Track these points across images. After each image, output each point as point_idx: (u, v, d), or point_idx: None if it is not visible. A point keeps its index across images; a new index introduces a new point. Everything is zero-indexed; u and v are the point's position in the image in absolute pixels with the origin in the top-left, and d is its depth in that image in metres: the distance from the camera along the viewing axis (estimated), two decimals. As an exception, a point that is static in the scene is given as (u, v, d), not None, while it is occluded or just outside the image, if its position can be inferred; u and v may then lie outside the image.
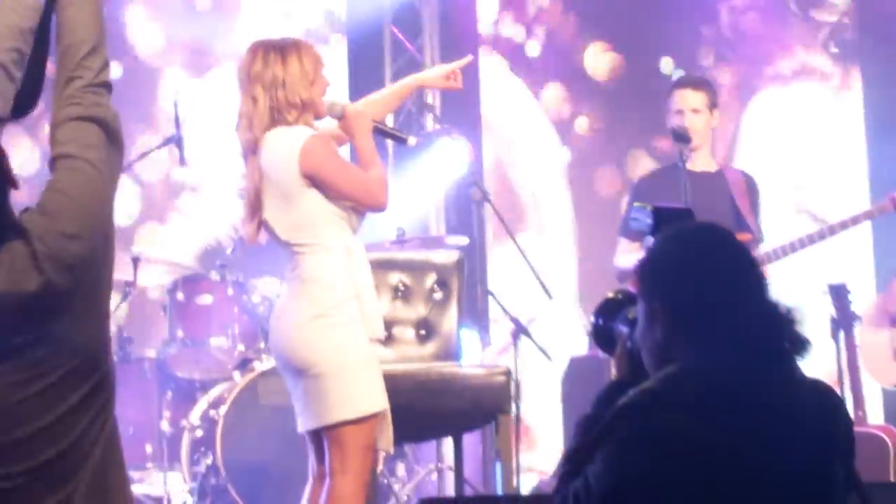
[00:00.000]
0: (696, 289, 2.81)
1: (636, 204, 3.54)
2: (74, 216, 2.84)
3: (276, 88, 4.79)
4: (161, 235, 8.59)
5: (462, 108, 8.54)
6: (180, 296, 7.17)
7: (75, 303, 2.81)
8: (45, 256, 2.78)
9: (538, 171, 9.14)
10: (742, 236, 6.28)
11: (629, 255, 6.28)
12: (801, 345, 2.79)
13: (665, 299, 2.82)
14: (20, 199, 2.83)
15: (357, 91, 7.96)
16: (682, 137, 6.17)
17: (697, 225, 3.15)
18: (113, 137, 2.96)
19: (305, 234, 4.80)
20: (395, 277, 5.92)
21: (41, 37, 3.15)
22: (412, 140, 5.16)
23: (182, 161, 7.19)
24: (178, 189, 8.64)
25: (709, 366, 2.73)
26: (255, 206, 4.84)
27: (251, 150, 4.83)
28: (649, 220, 3.36)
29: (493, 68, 9.02)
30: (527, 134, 9.12)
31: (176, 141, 7.11)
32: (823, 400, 2.82)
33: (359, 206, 4.82)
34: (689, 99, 6.49)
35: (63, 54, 3.02)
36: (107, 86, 3.02)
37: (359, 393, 4.72)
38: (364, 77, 8.42)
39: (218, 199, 8.48)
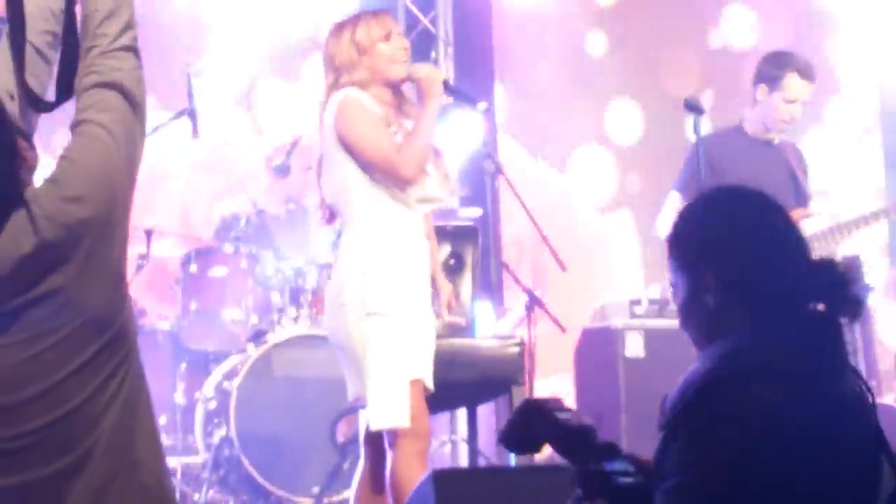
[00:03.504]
0: (746, 256, 2.74)
1: None
2: (79, 180, 2.85)
3: (333, 66, 4.94)
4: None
5: (475, 81, 8.50)
6: (194, 268, 7.18)
7: (76, 262, 2.82)
8: (41, 217, 2.81)
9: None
10: (803, 210, 6.28)
11: None
12: (853, 306, 2.73)
13: (718, 268, 2.74)
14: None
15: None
16: (695, 108, 6.05)
17: (732, 189, 3.06)
18: (133, 101, 2.96)
19: (341, 199, 4.88)
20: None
21: (70, 16, 3.14)
22: (482, 105, 5.12)
23: (195, 133, 7.17)
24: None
25: (766, 343, 2.66)
26: (318, 179, 4.99)
27: (319, 120, 4.95)
28: None
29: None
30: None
31: (189, 113, 7.10)
32: (859, 379, 2.78)
33: (380, 175, 4.83)
34: (806, 91, 6.37)
35: (83, 24, 3.02)
36: (128, 49, 3.00)
37: (361, 373, 4.76)
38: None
39: (236, 174, 8.49)
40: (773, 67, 6.36)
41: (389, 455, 4.81)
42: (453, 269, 5.98)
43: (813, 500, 2.59)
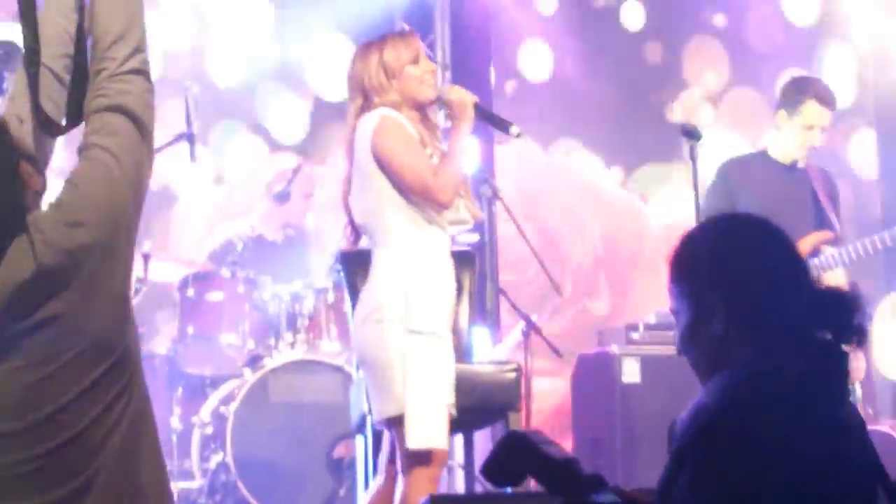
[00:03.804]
0: (753, 283, 2.73)
1: None
2: (82, 205, 2.85)
3: (362, 87, 4.94)
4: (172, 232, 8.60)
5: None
6: (191, 292, 7.17)
7: (77, 287, 2.82)
8: (41, 243, 2.81)
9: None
10: (823, 234, 6.26)
11: None
12: (858, 334, 2.71)
13: (724, 295, 2.72)
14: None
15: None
16: (692, 134, 6.03)
17: (738, 216, 3.04)
18: (140, 125, 2.96)
19: (375, 219, 4.87)
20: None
21: (80, 38, 3.14)
22: (515, 129, 5.11)
23: (192, 157, 7.17)
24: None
25: (772, 371, 2.65)
26: (345, 199, 4.98)
27: (346, 141, 4.96)
28: None
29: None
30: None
31: (187, 137, 7.09)
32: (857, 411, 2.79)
33: (415, 197, 4.84)
34: (826, 118, 6.32)
35: (92, 47, 3.02)
36: (138, 72, 3.00)
37: (397, 391, 4.73)
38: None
39: (235, 197, 8.49)
40: (793, 93, 6.33)
41: (401, 478, 4.80)
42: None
43: None
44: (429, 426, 4.72)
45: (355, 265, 5.82)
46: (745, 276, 2.74)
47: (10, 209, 2.84)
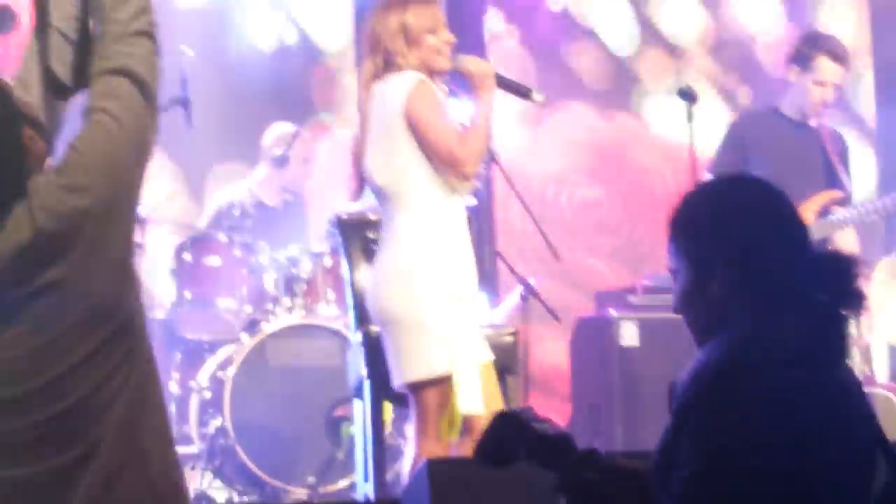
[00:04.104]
0: (753, 245, 2.73)
1: None
2: (81, 169, 2.84)
3: (383, 45, 4.91)
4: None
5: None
6: (188, 257, 7.16)
7: (77, 252, 2.80)
8: (38, 207, 2.79)
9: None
10: (833, 193, 6.25)
11: None
12: (857, 298, 2.72)
13: (724, 256, 2.73)
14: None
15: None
16: (688, 96, 6.02)
17: (738, 177, 3.04)
18: (144, 87, 2.93)
19: (399, 182, 4.85)
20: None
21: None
22: (537, 95, 5.08)
23: (188, 124, 7.14)
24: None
25: (771, 332, 2.66)
26: (356, 161, 4.96)
27: (361, 101, 4.95)
28: None
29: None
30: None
31: (182, 102, 7.05)
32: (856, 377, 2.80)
33: (441, 165, 4.83)
34: (837, 74, 6.29)
35: (93, 10, 2.99)
36: (142, 33, 2.96)
37: (429, 352, 4.73)
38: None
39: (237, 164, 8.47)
40: (805, 48, 6.32)
41: (414, 441, 4.83)
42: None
43: (820, 487, 2.59)
44: (474, 390, 4.72)
45: (352, 230, 5.81)
46: (744, 239, 2.74)
47: (9, 175, 2.83)
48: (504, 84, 5.06)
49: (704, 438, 2.60)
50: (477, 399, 4.72)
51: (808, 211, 5.99)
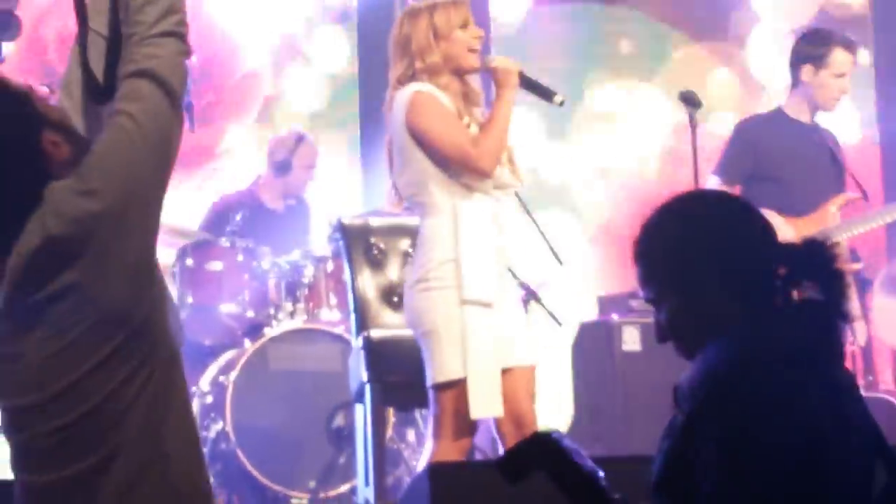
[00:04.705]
0: (729, 255, 2.73)
1: None
2: (96, 173, 2.82)
3: (407, 51, 4.93)
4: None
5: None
6: (190, 262, 7.16)
7: (91, 257, 2.79)
8: (51, 212, 2.79)
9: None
10: (848, 195, 6.25)
11: None
12: (840, 278, 2.71)
13: (705, 274, 2.72)
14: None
15: (366, 71, 7.98)
16: (691, 101, 5.99)
17: (691, 195, 3.04)
18: (168, 89, 2.90)
19: (417, 192, 4.88)
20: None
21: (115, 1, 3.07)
22: (559, 98, 5.08)
23: (191, 127, 7.13)
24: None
25: (769, 335, 2.67)
26: (389, 164, 4.99)
27: (387, 110, 4.96)
28: None
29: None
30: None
31: (186, 106, 7.04)
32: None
33: (457, 168, 4.83)
34: (850, 64, 6.31)
35: (124, 10, 2.97)
36: (170, 34, 2.94)
37: (441, 356, 4.75)
38: (374, 59, 8.36)
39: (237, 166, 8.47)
40: (817, 45, 6.33)
41: (431, 441, 4.84)
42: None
43: (828, 487, 2.59)
44: (486, 395, 4.73)
45: (354, 235, 5.82)
46: (726, 250, 2.74)
47: (23, 180, 2.82)
48: (528, 84, 5.06)
49: (728, 445, 2.58)
50: (493, 404, 4.74)
51: (828, 212, 6.02)
